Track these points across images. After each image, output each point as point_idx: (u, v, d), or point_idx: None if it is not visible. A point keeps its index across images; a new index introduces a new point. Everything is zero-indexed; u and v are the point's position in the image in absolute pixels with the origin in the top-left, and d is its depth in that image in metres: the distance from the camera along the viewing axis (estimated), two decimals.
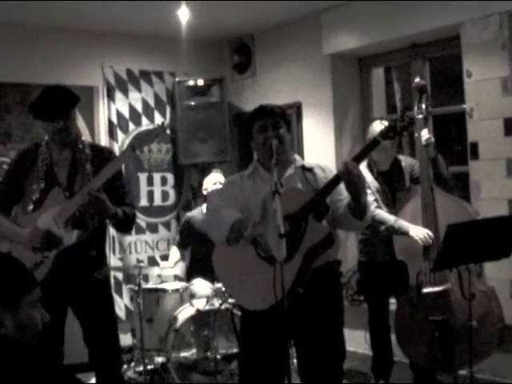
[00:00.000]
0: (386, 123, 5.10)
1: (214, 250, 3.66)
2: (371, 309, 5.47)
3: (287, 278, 2.99)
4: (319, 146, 6.86)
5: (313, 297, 3.41)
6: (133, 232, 7.00)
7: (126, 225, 4.05)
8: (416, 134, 4.91)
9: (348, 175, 3.30)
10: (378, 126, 5.11)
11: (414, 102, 5.02)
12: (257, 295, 3.39)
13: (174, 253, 6.24)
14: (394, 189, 5.26)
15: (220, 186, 3.93)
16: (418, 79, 5.06)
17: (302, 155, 6.90)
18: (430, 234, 4.82)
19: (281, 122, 3.59)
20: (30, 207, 3.86)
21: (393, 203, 5.23)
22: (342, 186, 3.45)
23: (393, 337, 5.29)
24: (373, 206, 5.04)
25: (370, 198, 5.01)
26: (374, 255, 5.28)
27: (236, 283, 3.55)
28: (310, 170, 3.65)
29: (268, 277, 3.11)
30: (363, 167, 4.99)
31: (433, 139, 4.94)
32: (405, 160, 5.37)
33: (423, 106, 4.94)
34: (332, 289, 3.63)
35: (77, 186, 3.85)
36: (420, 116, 4.93)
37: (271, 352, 3.49)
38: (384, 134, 3.44)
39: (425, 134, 4.90)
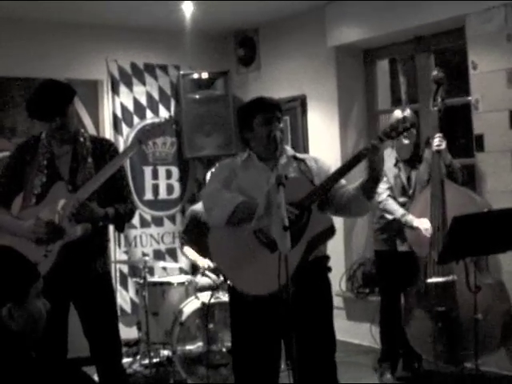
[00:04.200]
0: (408, 110, 5.15)
1: (209, 232, 3.66)
2: (384, 299, 5.46)
3: (289, 266, 2.99)
4: (324, 139, 6.84)
5: (303, 291, 3.40)
6: (138, 225, 7.05)
7: (118, 223, 4.00)
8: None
9: (375, 152, 3.36)
10: (399, 114, 5.10)
11: (431, 94, 5.03)
12: (256, 280, 3.40)
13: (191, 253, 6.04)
14: (411, 178, 5.25)
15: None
16: (435, 71, 5.07)
17: (306, 148, 6.91)
18: (430, 228, 4.84)
19: (280, 116, 3.68)
20: (32, 201, 3.81)
21: (409, 192, 5.22)
22: None
23: None
24: (385, 195, 5.07)
25: (384, 185, 5.03)
26: (390, 244, 5.28)
27: (233, 266, 3.54)
28: (303, 160, 3.71)
29: (268, 263, 3.11)
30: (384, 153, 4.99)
31: (444, 146, 4.92)
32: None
33: (439, 99, 4.94)
34: (322, 284, 3.65)
35: (79, 179, 3.81)
36: (435, 108, 4.94)
37: (264, 342, 3.54)
38: (387, 134, 3.45)
39: (436, 141, 4.90)
